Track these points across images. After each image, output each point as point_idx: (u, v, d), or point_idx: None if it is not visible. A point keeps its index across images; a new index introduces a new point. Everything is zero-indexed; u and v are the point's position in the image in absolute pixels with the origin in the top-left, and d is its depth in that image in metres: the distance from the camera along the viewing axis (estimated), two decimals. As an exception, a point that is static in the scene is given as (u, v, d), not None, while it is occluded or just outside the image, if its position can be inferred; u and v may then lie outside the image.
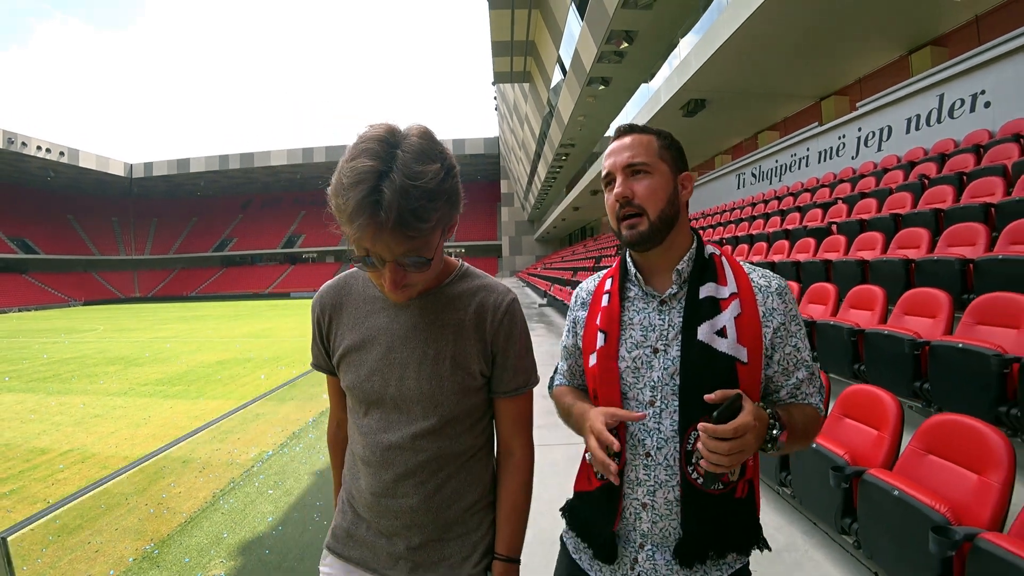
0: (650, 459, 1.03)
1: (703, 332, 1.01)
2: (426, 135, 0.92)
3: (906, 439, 2.21)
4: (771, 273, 1.10)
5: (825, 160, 9.06)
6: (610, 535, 1.06)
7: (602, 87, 16.10)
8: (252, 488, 5.69)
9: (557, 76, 19.35)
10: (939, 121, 6.46)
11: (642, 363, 1.06)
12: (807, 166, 9.62)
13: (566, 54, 16.71)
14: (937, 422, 2.07)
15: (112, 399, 10.34)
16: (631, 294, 1.13)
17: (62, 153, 52.31)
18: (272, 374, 12.00)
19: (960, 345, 2.52)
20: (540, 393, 1.21)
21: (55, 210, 63.89)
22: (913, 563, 1.83)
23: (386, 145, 0.87)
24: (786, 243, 6.01)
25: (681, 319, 1.05)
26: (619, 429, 1.04)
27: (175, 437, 7.69)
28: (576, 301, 1.25)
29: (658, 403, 1.03)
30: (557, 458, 3.72)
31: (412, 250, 0.92)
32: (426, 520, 1.08)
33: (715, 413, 0.88)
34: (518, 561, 1.16)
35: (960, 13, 7.89)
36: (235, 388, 10.82)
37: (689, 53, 10.04)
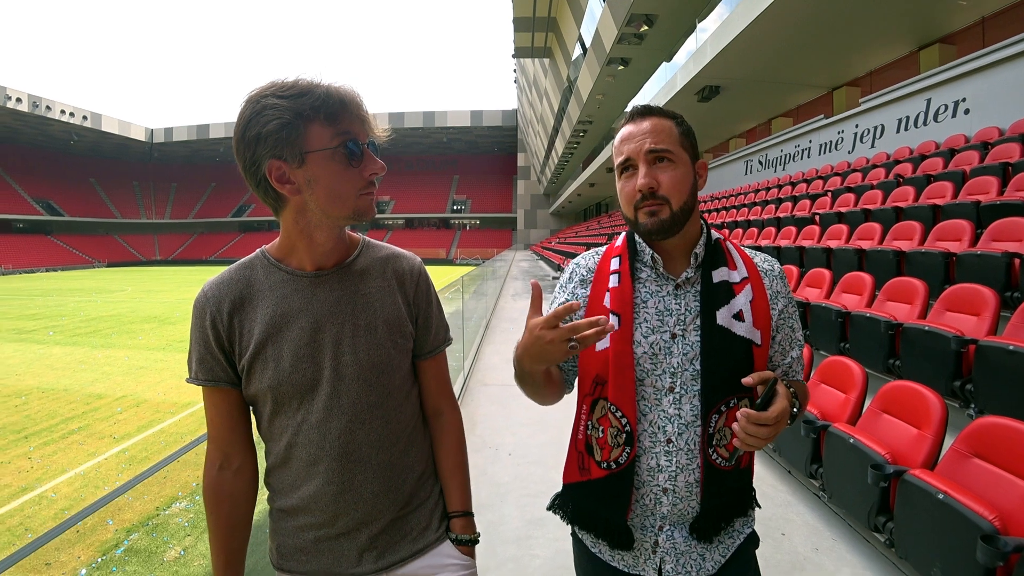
0: (671, 445, 1.02)
1: (722, 316, 1.01)
2: None
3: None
4: (770, 257, 1.13)
5: (825, 152, 9.48)
6: (624, 525, 1.05)
7: (621, 67, 16.29)
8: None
9: (577, 52, 19.50)
10: (925, 124, 6.89)
11: (660, 349, 1.03)
12: (809, 157, 10.03)
13: (587, 33, 16.86)
14: (892, 387, 2.47)
15: (153, 353, 11.17)
16: (642, 275, 1.09)
17: (85, 117, 53.24)
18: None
19: (926, 328, 2.87)
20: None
21: (78, 173, 65.04)
22: (853, 492, 2.31)
23: None
24: (773, 230, 6.62)
25: (698, 303, 1.04)
26: (631, 418, 1.03)
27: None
28: (572, 277, 1.18)
29: (678, 388, 1.02)
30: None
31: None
32: (387, 502, 1.05)
33: (758, 399, 0.92)
34: (472, 513, 1.19)
35: (967, 13, 8.18)
36: (266, 348, 11.61)
37: (705, 42, 10.37)
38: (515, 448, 3.88)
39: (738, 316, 1.01)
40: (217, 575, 1.06)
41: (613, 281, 1.08)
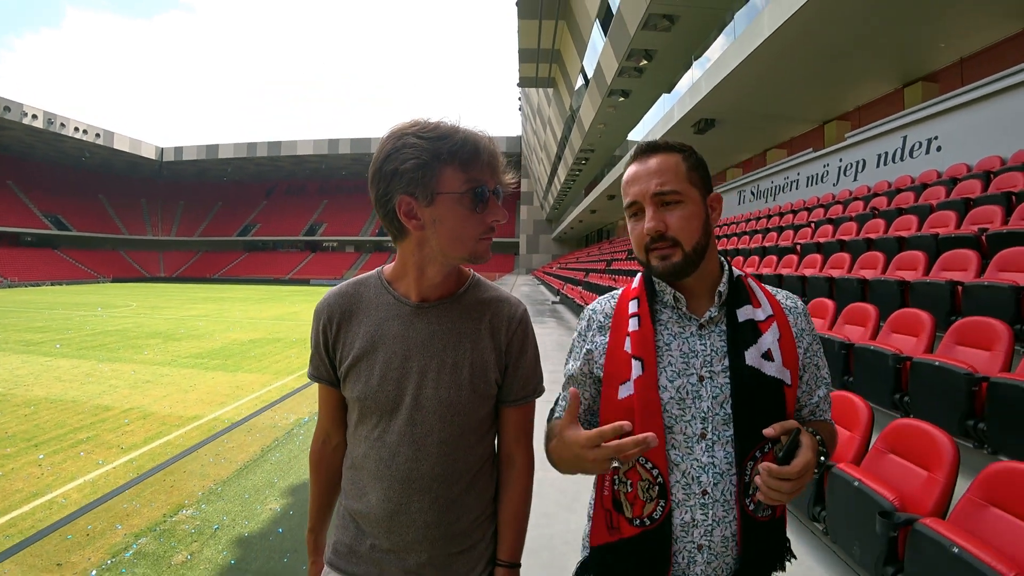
0: (707, 497, 0.95)
1: (751, 356, 0.96)
2: None
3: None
4: (792, 294, 1.09)
5: (812, 185, 9.87)
6: None
7: (622, 98, 16.83)
8: (295, 445, 6.65)
9: (580, 83, 20.08)
10: (902, 159, 7.27)
11: (688, 392, 0.97)
12: (797, 189, 10.42)
13: (589, 65, 17.44)
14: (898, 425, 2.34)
15: (158, 368, 11.38)
16: (663, 317, 1.04)
17: (98, 135, 54.34)
18: (301, 354, 12.99)
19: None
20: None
21: (87, 189, 65.94)
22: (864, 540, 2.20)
23: None
24: (757, 259, 6.96)
25: (724, 343, 0.99)
26: (662, 469, 0.96)
27: (221, 403, 8.72)
28: (589, 325, 1.12)
29: (710, 434, 0.96)
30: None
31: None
32: (437, 535, 1.06)
33: (779, 452, 0.86)
34: (519, 565, 1.16)
35: (947, 54, 8.64)
36: (269, 364, 11.83)
37: (700, 78, 10.83)
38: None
39: (767, 355, 0.97)
40: (311, 518, 1.26)
41: (633, 325, 1.03)
